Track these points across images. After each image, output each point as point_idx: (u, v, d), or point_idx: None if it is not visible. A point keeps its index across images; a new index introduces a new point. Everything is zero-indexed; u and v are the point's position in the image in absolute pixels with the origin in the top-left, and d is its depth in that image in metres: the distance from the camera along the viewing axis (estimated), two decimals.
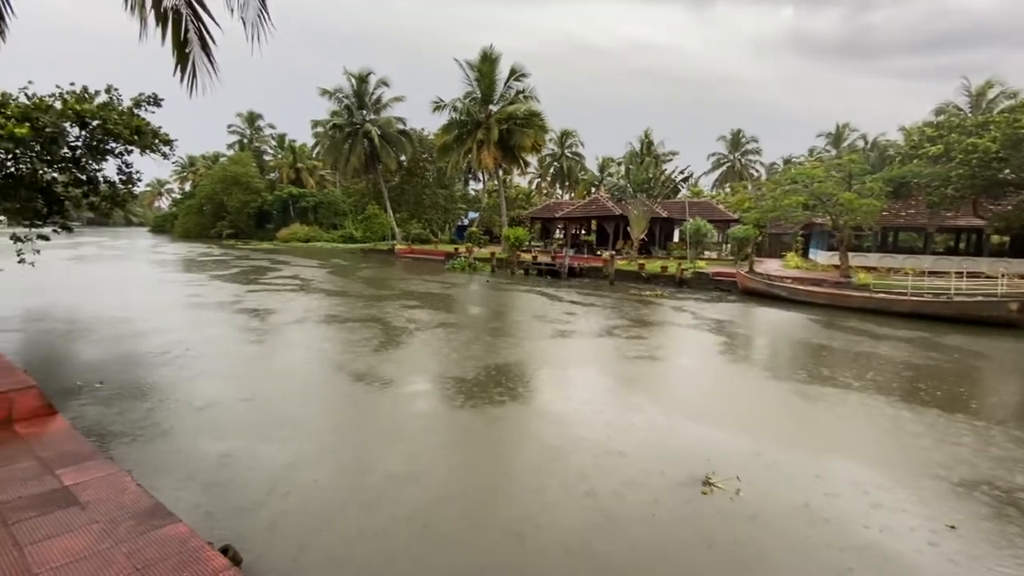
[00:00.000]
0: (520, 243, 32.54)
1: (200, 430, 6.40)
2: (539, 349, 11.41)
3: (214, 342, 11.11)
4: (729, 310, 18.22)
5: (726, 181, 63.72)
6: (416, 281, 24.36)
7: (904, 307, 17.72)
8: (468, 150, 38.05)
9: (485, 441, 6.50)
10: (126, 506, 2.86)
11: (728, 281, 23.85)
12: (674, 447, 6.35)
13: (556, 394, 8.22)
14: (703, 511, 4.88)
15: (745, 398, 8.64)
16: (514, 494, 5.14)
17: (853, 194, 23.22)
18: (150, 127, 11.25)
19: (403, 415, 7.19)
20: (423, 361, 10.03)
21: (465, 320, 15.20)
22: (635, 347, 11.89)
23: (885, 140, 48.64)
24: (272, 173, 67.22)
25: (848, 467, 5.88)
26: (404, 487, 5.14)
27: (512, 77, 36.71)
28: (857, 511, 4.92)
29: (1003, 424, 7.44)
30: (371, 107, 47.60)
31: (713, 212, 37.57)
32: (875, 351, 12.15)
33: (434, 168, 51.31)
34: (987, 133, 19.42)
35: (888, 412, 7.83)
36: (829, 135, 56.76)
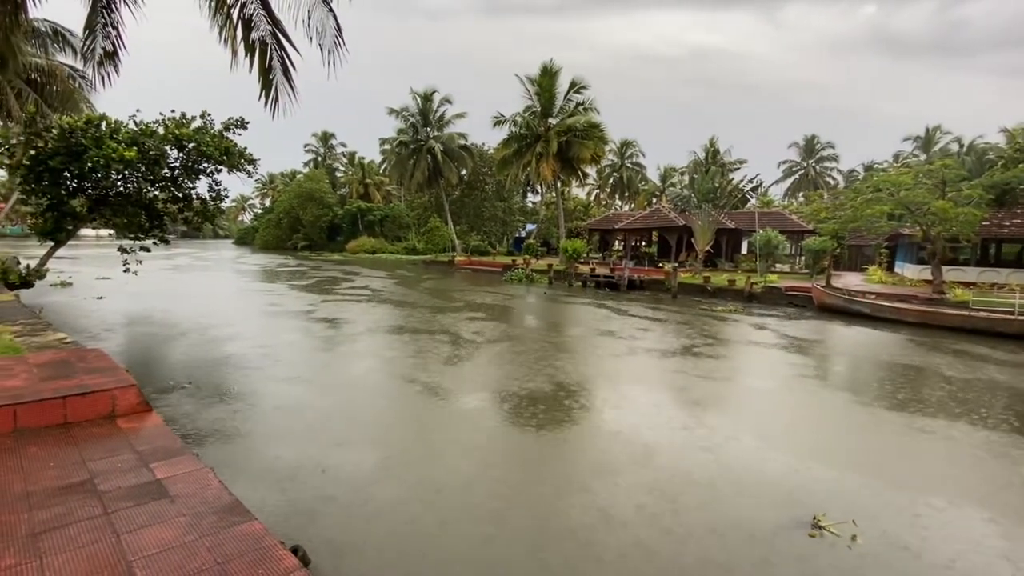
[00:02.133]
0: (577, 255, 32.29)
1: (276, 432, 6.77)
2: (606, 366, 11.19)
3: (291, 348, 11.79)
4: (806, 327, 17.07)
5: (799, 190, 60.31)
6: (476, 292, 24.74)
7: (1011, 328, 15.85)
8: (527, 163, 38.41)
9: (560, 465, 6.38)
10: (209, 501, 3.05)
11: (803, 296, 22.41)
12: (768, 481, 5.74)
13: (630, 417, 7.91)
14: (817, 561, 4.23)
15: (838, 428, 7.95)
16: (596, 528, 4.81)
17: (948, 202, 21.17)
18: (237, 148, 12.26)
19: (473, 430, 7.23)
20: (489, 375, 10.10)
21: (527, 333, 15.22)
22: (707, 366, 11.39)
23: (983, 143, 44.17)
24: (343, 188, 71.07)
25: (967, 511, 5.19)
26: (475, 506, 5.14)
27: (572, 90, 36.83)
28: (981, 561, 4.37)
29: None
30: (435, 124, 49.27)
31: (785, 223, 35.61)
32: (978, 376, 10.93)
33: (493, 181, 52.24)
34: None
35: (1002, 448, 6.98)
36: (917, 139, 52.45)
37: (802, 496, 5.31)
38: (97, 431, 4.03)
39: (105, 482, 3.23)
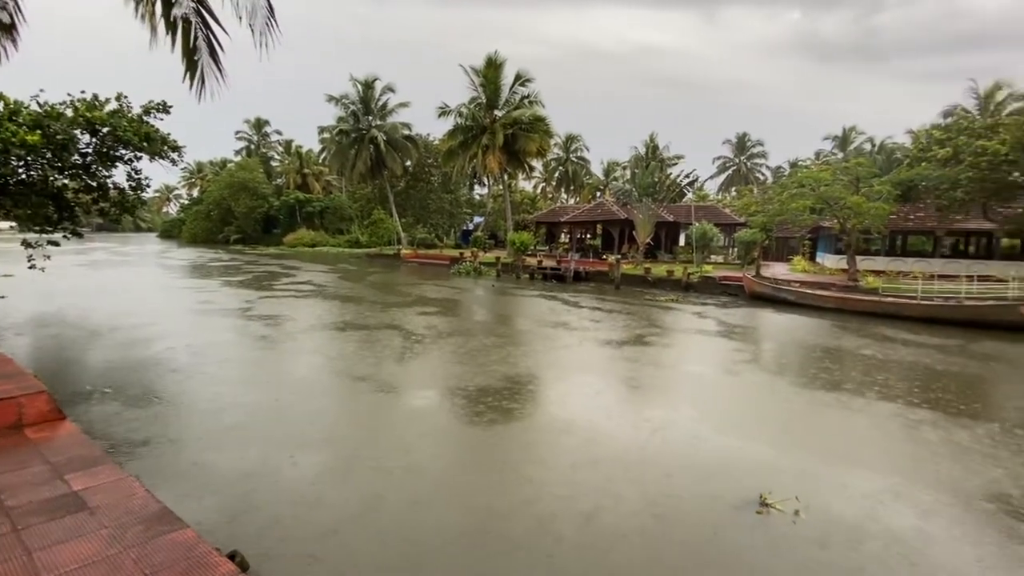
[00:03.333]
0: (525, 247, 32.57)
1: (210, 437, 6.42)
2: (558, 357, 11.37)
3: (225, 348, 11.16)
4: (740, 315, 18.11)
5: (732, 185, 63.57)
6: (423, 286, 24.41)
7: (914, 311, 17.55)
8: (473, 155, 38.21)
9: (510, 456, 6.43)
10: (134, 511, 2.86)
11: (735, 285, 23.73)
12: (714, 462, 6.01)
13: (582, 405, 8.07)
14: (766, 538, 4.49)
15: (776, 409, 8.47)
16: (552, 518, 4.90)
17: (861, 197, 23.07)
18: (159, 134, 11.37)
19: (423, 427, 7.14)
20: (441, 370, 10.01)
21: (478, 326, 15.20)
22: (655, 354, 11.84)
23: (892, 143, 48.38)
24: (279, 179, 67.77)
25: (894, 483, 5.64)
26: (421, 506, 5.09)
27: (517, 82, 36.88)
28: (905, 524, 4.82)
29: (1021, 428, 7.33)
30: (377, 113, 47.91)
31: (719, 216, 37.46)
32: (891, 357, 12.03)
33: (439, 173, 51.58)
34: (996, 136, 19.27)
35: (916, 420, 7.73)
36: (836, 138, 56.56)
37: (748, 476, 5.60)
38: (2, 442, 3.67)
39: (13, 497, 2.95)
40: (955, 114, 30.37)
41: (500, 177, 41.60)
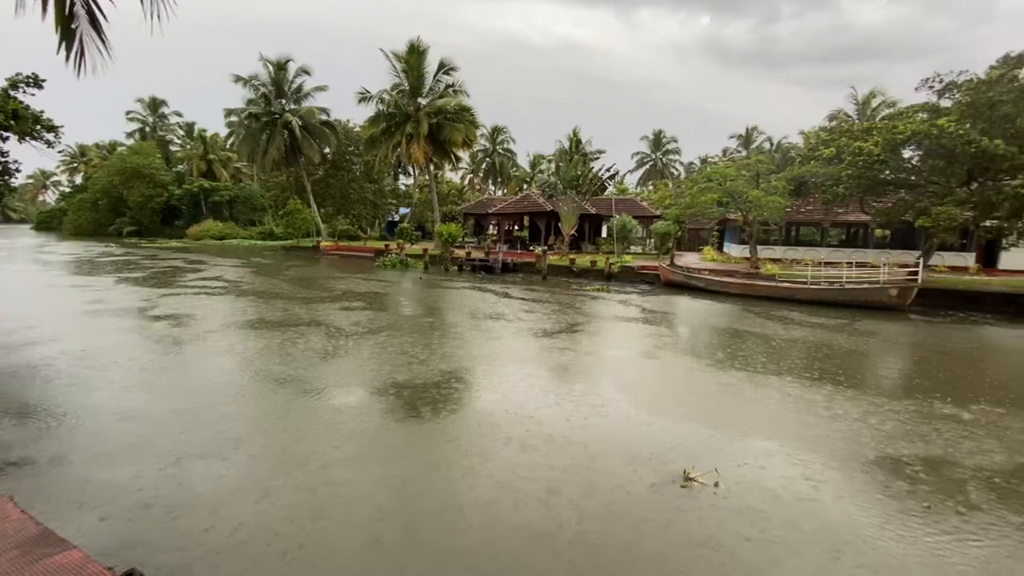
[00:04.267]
0: (453, 239, 32.30)
1: (100, 452, 5.80)
2: (491, 348, 11.40)
3: (121, 351, 10.09)
4: (658, 302, 19.17)
5: (649, 179, 66.80)
6: (347, 280, 23.49)
7: (805, 295, 19.52)
8: (397, 143, 37.18)
9: (445, 450, 6.37)
10: (8, 535, 2.54)
11: (652, 274, 25.06)
12: (642, 442, 6.33)
13: (515, 394, 8.17)
14: (691, 509, 4.79)
15: (695, 388, 9.06)
16: (486, 501, 4.97)
17: (761, 192, 25.17)
18: (30, 111, 10.01)
19: (351, 428, 6.89)
20: (369, 367, 9.68)
21: (408, 320, 14.89)
22: (580, 341, 12.21)
23: (788, 143, 53.13)
24: (180, 165, 62.01)
25: (798, 450, 6.23)
26: (351, 510, 4.94)
27: (441, 71, 36.25)
28: (811, 490, 5.31)
29: (912, 399, 8.41)
30: (291, 96, 45.18)
31: (637, 209, 39.26)
32: (789, 336, 13.28)
33: (361, 162, 49.63)
34: (871, 138, 21.73)
35: (813, 392, 8.58)
36: (740, 137, 61.09)
37: (673, 453, 5.96)
38: None
39: None
40: (838, 118, 33.90)
41: (426, 167, 40.84)
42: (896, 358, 12.23)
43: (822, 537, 4.40)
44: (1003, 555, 4.24)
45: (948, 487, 5.34)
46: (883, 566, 4.04)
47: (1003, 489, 5.32)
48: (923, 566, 4.06)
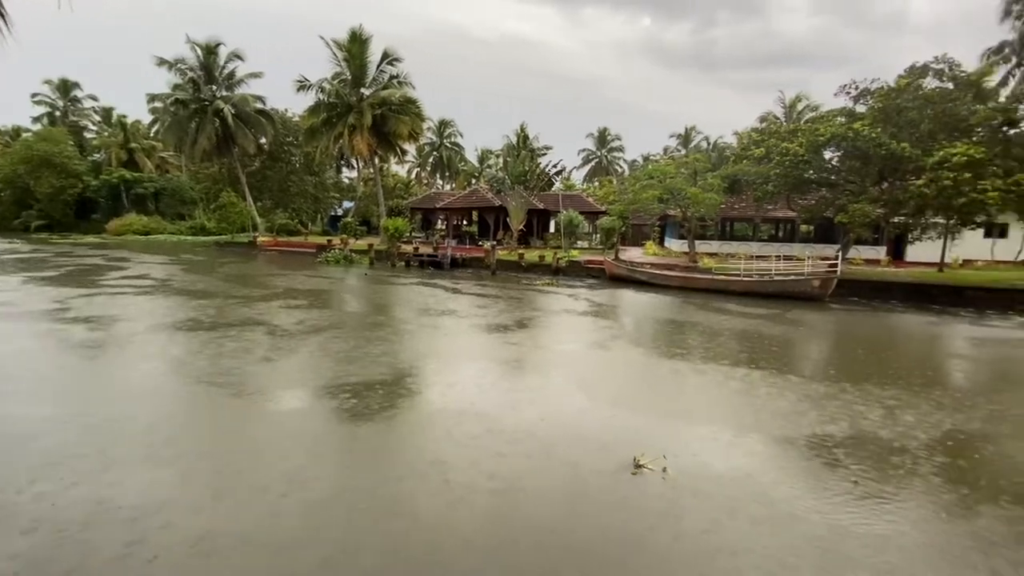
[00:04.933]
0: (400, 234, 31.73)
1: (4, 472, 5.33)
2: (439, 344, 11.33)
3: (27, 358, 9.23)
4: (605, 295, 19.73)
5: (595, 176, 68.27)
6: (288, 277, 22.54)
7: (738, 287, 20.74)
8: (339, 135, 35.97)
9: (391, 449, 6.28)
10: None
11: (598, 268, 25.75)
12: (594, 431, 6.53)
13: (468, 389, 8.15)
14: (641, 494, 5.00)
15: (643, 377, 9.42)
16: (438, 497, 4.96)
17: (698, 189, 26.40)
18: None
19: (296, 431, 6.65)
20: (314, 367, 9.36)
21: (354, 317, 14.52)
22: (531, 335, 12.36)
23: (723, 142, 55.85)
24: (97, 154, 56.96)
25: (741, 434, 6.63)
26: (304, 519, 4.80)
27: (385, 61, 35.34)
28: (753, 471, 5.67)
29: (837, 382, 9.13)
30: (222, 82, 42.56)
31: (584, 204, 40.09)
32: (726, 326, 14.06)
33: (301, 153, 47.56)
34: (796, 139, 23.30)
35: (751, 378, 9.14)
36: (680, 136, 63.55)
37: (624, 441, 6.17)
38: None
39: None
40: (768, 120, 36.03)
41: (371, 160, 39.77)
42: (821, 344, 13.28)
43: (761, 513, 4.75)
44: (923, 521, 4.76)
45: (872, 462, 5.88)
46: (818, 537, 4.42)
47: (921, 462, 5.93)
48: (853, 536, 4.47)
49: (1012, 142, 20.31)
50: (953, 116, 20.42)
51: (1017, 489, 5.34)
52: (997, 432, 6.94)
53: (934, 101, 20.86)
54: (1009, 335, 14.34)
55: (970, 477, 5.64)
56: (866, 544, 4.31)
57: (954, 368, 11.44)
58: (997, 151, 19.64)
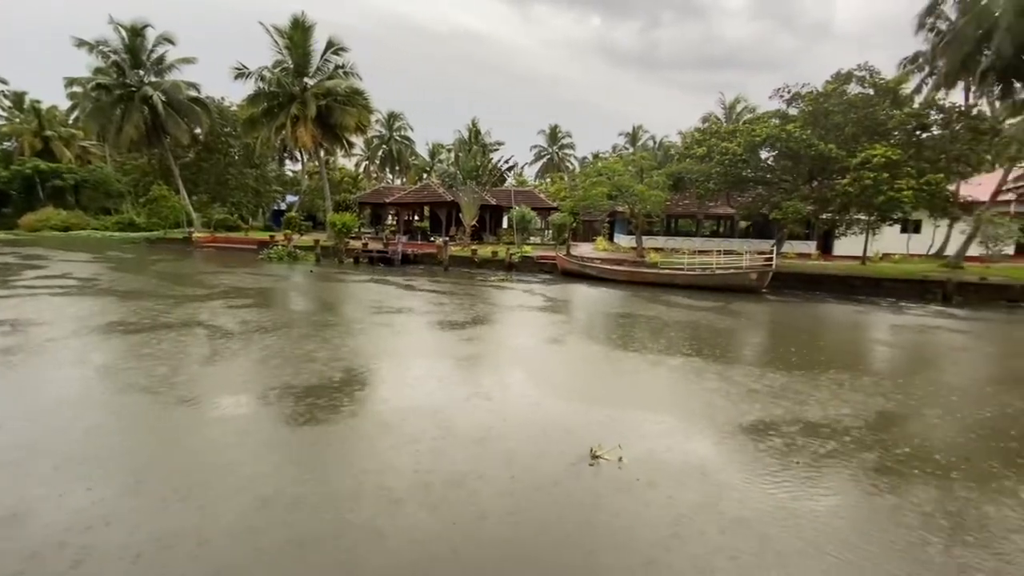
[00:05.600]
0: (348, 230, 30.89)
1: None
2: (392, 343, 11.12)
3: None
4: (556, 290, 20.01)
5: (547, 172, 68.95)
6: (228, 275, 21.44)
7: (683, 280, 21.62)
8: (281, 125, 34.54)
9: (344, 453, 6.12)
10: None
11: (550, 264, 26.08)
12: (551, 425, 6.63)
13: (425, 388, 8.05)
14: (599, 485, 5.11)
15: (598, 370, 9.60)
16: (397, 499, 4.87)
17: (644, 187, 27.23)
18: None
19: (240, 440, 6.35)
20: (260, 370, 8.95)
21: (303, 317, 14.00)
22: (487, 331, 12.35)
23: (669, 141, 57.74)
24: (7, 142, 51.88)
25: (691, 422, 6.90)
26: (243, 539, 4.61)
27: (330, 50, 34.17)
28: (703, 458, 5.91)
29: (776, 369, 9.67)
30: (151, 67, 39.76)
31: (536, 200, 40.44)
32: (674, 318, 14.61)
33: (240, 144, 45.23)
34: (735, 139, 24.46)
35: (698, 368, 9.53)
36: (627, 135, 65.18)
37: (580, 433, 6.28)
38: None
39: None
40: (709, 120, 37.58)
41: (316, 152, 38.42)
42: (761, 334, 14.06)
43: (709, 497, 5.00)
44: (857, 493, 5.16)
45: (812, 442, 6.30)
46: (765, 515, 4.70)
47: (855, 440, 6.40)
48: (797, 512, 4.79)
49: (924, 145, 22.20)
50: (873, 120, 22.06)
51: (937, 460, 5.88)
52: (919, 410, 7.62)
53: (857, 106, 22.46)
54: (923, 322, 15.72)
55: (898, 452, 6.14)
56: (813, 518, 4.63)
57: (879, 353, 12.43)
58: (911, 153, 21.42)
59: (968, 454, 6.18)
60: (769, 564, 4.01)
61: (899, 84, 23.77)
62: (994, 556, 4.20)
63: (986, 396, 8.60)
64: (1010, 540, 4.42)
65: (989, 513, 4.83)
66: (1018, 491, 5.26)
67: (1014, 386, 9.21)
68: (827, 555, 4.13)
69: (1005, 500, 5.08)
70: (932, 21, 26.65)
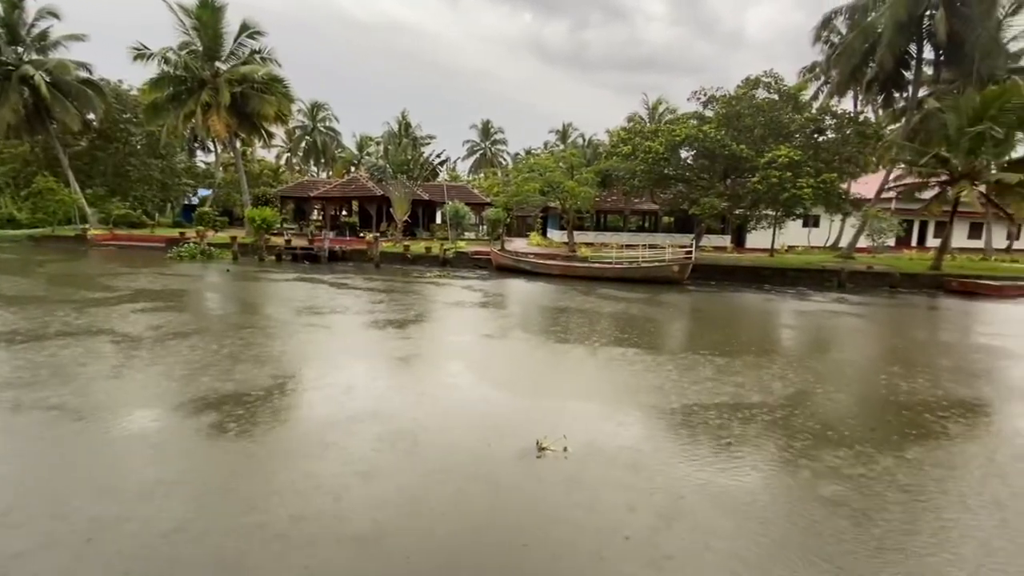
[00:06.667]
0: (269, 225, 29.18)
1: None
2: (325, 345, 10.62)
3: None
4: (492, 285, 20.09)
5: (480, 167, 68.79)
6: (132, 276, 19.54)
7: (611, 273, 22.49)
8: (191, 113, 31.93)
9: (273, 468, 5.79)
10: None
11: (485, 259, 26.14)
12: (498, 419, 6.69)
13: (364, 390, 7.73)
14: (546, 476, 5.20)
15: (536, 364, 9.69)
16: (336, 508, 4.68)
17: (574, 183, 27.95)
18: None
19: (147, 459, 5.82)
20: (173, 380, 8.21)
21: (219, 320, 13.05)
22: (424, 329, 12.13)
23: (597, 139, 59.53)
24: None
25: (628, 409, 7.16)
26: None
27: (244, 33, 31.93)
28: (640, 442, 6.15)
29: (701, 354, 10.26)
30: (31, 44, 35.24)
31: (470, 196, 40.27)
32: (606, 310, 15.14)
33: (142, 132, 41.22)
34: (657, 139, 25.72)
35: (633, 357, 9.92)
36: (558, 132, 66.40)
37: (526, 426, 6.33)
38: None
39: None
40: (634, 120, 39.17)
41: (231, 143, 35.85)
42: (686, 322, 14.94)
43: (650, 480, 5.27)
44: (778, 465, 5.62)
45: (737, 423, 6.78)
46: (699, 493, 5.01)
47: (779, 418, 6.96)
48: (730, 489, 5.15)
49: (820, 147, 24.51)
50: (778, 123, 24.05)
51: (843, 432, 6.56)
52: (827, 387, 8.43)
53: (764, 109, 24.36)
54: (823, 307, 17.42)
55: (811, 425, 6.76)
56: (743, 492, 5.01)
57: (789, 336, 13.63)
58: (810, 154, 23.57)
59: (874, 425, 6.97)
60: (704, 540, 4.30)
61: (799, 91, 26.04)
62: (906, 527, 4.77)
63: (878, 372, 9.71)
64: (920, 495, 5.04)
65: (899, 478, 5.47)
66: (923, 460, 5.94)
67: (898, 362, 10.47)
68: (750, 524, 4.50)
69: (908, 463, 5.77)
70: (826, 34, 29.46)
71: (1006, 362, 11.08)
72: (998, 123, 21.15)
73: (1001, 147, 22.13)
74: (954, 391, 8.39)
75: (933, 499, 5.06)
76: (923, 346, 12.63)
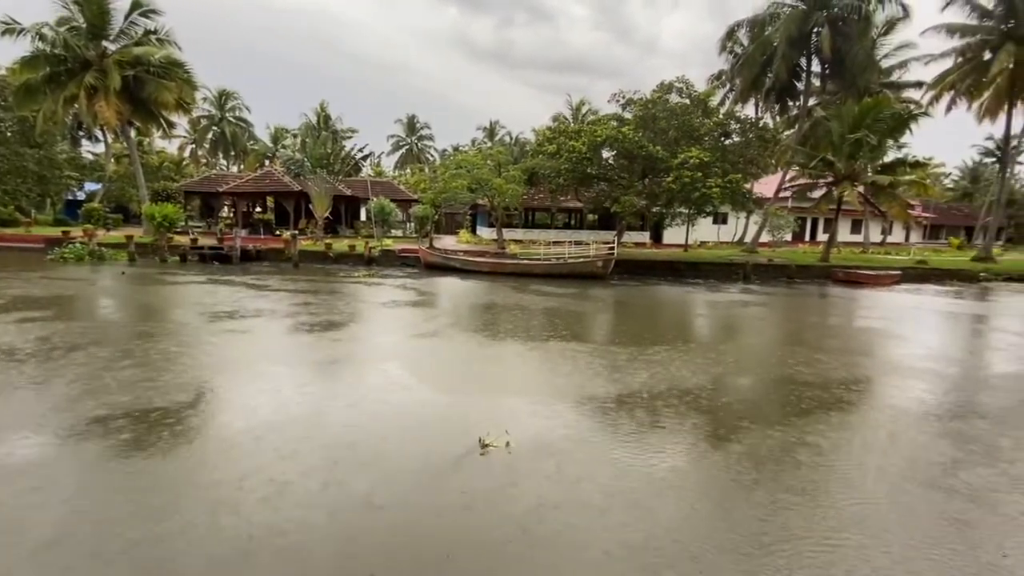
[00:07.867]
0: (171, 223, 26.71)
1: None
2: (236, 352, 9.88)
3: None
4: (421, 283, 19.74)
5: (406, 163, 67.20)
6: (4, 281, 17.12)
7: (539, 269, 22.96)
8: (72, 97, 28.41)
9: (182, 492, 5.33)
10: None
11: (413, 257, 25.66)
12: (437, 419, 6.65)
13: (289, 398, 7.24)
14: (489, 472, 5.23)
15: (472, 361, 9.64)
16: (265, 525, 4.41)
17: (502, 180, 28.15)
18: None
19: (33, 488, 5.18)
20: (62, 397, 7.29)
21: (116, 329, 11.76)
22: (347, 331, 11.65)
23: (524, 137, 60.23)
24: None
25: (565, 402, 7.26)
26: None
27: (136, 11, 28.85)
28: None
29: (627, 345, 10.69)
30: None
31: (396, 192, 39.29)
32: (538, 305, 15.39)
33: (13, 118, 36.12)
34: (580, 139, 26.50)
35: (569, 350, 10.13)
36: (486, 129, 66.40)
37: (467, 424, 6.29)
38: None
39: None
40: (558, 119, 40.06)
41: (124, 132, 32.36)
42: (610, 315, 15.56)
43: (582, 467, 5.45)
44: (703, 445, 6.01)
45: (665, 408, 7.16)
46: (636, 476, 5.25)
47: (702, 402, 7.43)
48: (657, 471, 5.43)
49: (727, 149, 26.44)
50: (690, 126, 25.63)
51: (755, 414, 7.15)
52: (739, 371, 9.14)
53: (677, 113, 25.86)
54: (732, 298, 18.87)
55: (736, 408, 7.31)
56: (674, 473, 5.32)
57: (704, 325, 14.61)
58: (718, 156, 25.37)
59: (784, 403, 7.68)
60: (643, 518, 4.54)
61: (708, 96, 27.90)
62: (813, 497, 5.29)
63: (782, 356, 10.70)
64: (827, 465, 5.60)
65: (819, 443, 6.05)
66: (827, 432, 6.57)
67: (798, 346, 11.60)
68: (685, 499, 4.81)
69: (819, 436, 6.40)
70: (731, 45, 31.78)
71: (884, 341, 12.65)
72: (873, 131, 24.03)
73: (875, 152, 25.21)
74: (844, 368, 9.45)
75: (829, 456, 5.68)
76: (816, 328, 14.10)
